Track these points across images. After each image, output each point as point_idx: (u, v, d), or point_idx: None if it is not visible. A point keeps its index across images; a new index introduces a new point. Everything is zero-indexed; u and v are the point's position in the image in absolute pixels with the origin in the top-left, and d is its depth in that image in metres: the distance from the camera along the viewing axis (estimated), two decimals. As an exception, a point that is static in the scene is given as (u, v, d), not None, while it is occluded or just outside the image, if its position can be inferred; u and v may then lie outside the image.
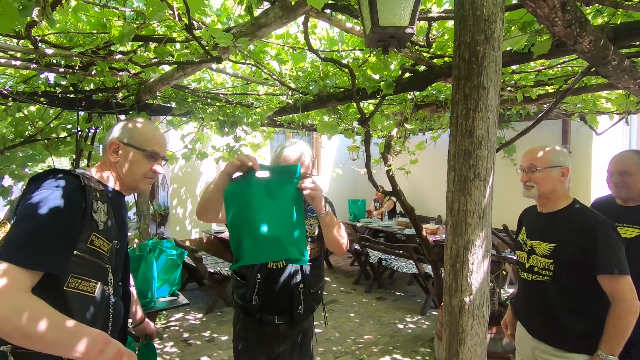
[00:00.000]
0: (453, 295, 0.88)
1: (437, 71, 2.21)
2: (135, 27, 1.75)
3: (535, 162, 1.57)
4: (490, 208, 0.87)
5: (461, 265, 0.87)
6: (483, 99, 0.82)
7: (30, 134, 2.97)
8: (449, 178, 0.89)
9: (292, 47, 2.16)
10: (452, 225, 0.88)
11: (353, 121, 3.68)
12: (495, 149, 0.86)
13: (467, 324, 0.86)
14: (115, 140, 1.18)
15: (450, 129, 0.88)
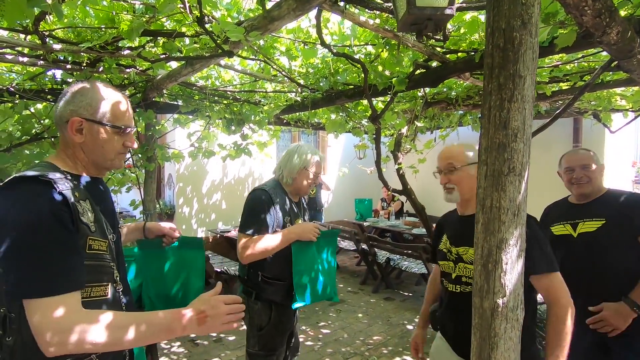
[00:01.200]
0: (484, 297, 0.84)
1: (451, 67, 2.16)
2: (144, 22, 1.71)
3: (453, 160, 1.46)
4: (525, 205, 0.82)
5: (494, 266, 0.82)
6: (519, 89, 0.77)
7: (37, 132, 2.95)
8: (481, 173, 0.84)
9: (304, 42, 2.11)
10: (484, 223, 0.83)
11: (362, 119, 3.63)
12: (530, 142, 0.81)
13: (500, 328, 0.82)
14: (77, 118, 0.97)
15: (482, 122, 0.83)
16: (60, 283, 0.81)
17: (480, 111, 3.40)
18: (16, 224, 0.81)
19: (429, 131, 4.59)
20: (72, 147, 1.00)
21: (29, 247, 0.81)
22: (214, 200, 5.59)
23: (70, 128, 0.97)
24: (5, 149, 2.78)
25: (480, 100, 3.27)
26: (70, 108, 0.98)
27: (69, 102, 0.98)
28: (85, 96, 0.99)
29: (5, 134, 2.87)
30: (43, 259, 0.81)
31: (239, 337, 3.48)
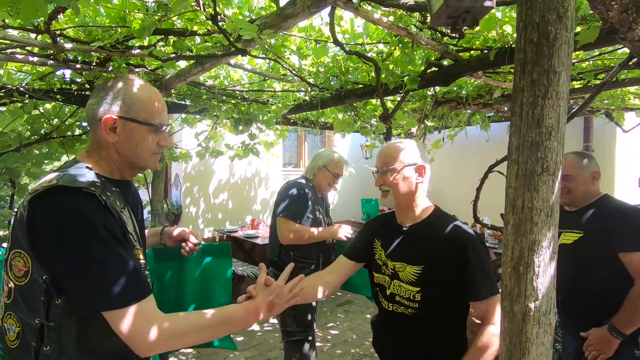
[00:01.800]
0: (515, 301, 0.81)
1: (465, 65, 2.13)
2: (156, 20, 1.70)
3: (388, 160, 1.32)
4: (558, 205, 0.79)
5: (525, 268, 0.79)
6: (554, 85, 0.74)
7: (46, 131, 2.96)
8: (511, 172, 0.81)
9: (316, 40, 2.09)
10: (515, 224, 0.80)
11: (370, 118, 3.61)
12: (564, 141, 0.78)
13: (532, 333, 0.79)
14: (111, 116, 0.93)
15: (512, 119, 0.81)
16: (135, 291, 0.84)
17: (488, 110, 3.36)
18: (72, 239, 0.80)
19: (436, 131, 4.56)
20: (106, 148, 0.96)
21: (93, 261, 0.81)
22: (221, 200, 5.59)
23: (104, 127, 0.93)
24: (15, 148, 2.79)
25: (491, 100, 3.25)
26: (104, 105, 0.94)
27: (103, 99, 0.94)
28: (119, 93, 0.94)
29: (15, 133, 2.87)
30: (110, 271, 0.81)
31: (247, 337, 3.46)
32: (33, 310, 0.83)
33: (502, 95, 3.21)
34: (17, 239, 0.85)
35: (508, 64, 1.89)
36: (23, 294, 0.84)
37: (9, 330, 0.86)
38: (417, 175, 1.31)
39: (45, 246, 0.82)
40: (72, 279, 0.81)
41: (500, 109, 3.83)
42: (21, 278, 0.84)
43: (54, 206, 0.82)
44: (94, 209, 0.83)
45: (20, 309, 0.85)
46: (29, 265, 0.83)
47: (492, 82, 2.60)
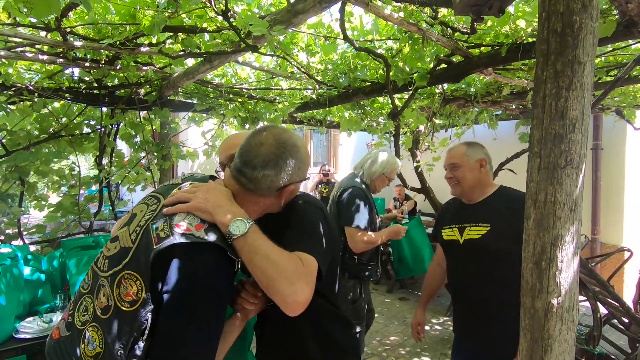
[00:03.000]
0: (537, 297, 0.79)
1: (475, 61, 2.11)
2: (166, 17, 1.69)
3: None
4: (582, 199, 0.77)
5: (547, 264, 0.78)
6: (578, 76, 0.73)
7: (55, 130, 2.97)
8: (533, 166, 0.80)
9: (325, 37, 2.08)
10: (537, 219, 0.79)
11: (377, 117, 3.59)
12: (588, 133, 0.76)
13: (554, 329, 0.77)
14: (293, 186, 0.93)
15: (534, 112, 0.79)
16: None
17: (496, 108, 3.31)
18: (189, 300, 0.76)
19: (443, 129, 4.53)
20: (263, 207, 0.94)
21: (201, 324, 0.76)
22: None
23: (284, 195, 0.93)
24: (24, 147, 2.80)
25: (500, 97, 3.22)
26: (284, 176, 0.89)
27: (282, 169, 0.88)
28: (296, 160, 0.91)
29: (24, 132, 2.89)
30: (197, 345, 0.76)
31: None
32: (121, 340, 0.76)
33: (511, 93, 3.18)
34: (138, 262, 0.79)
35: (520, 59, 1.86)
36: (121, 319, 0.78)
37: (90, 344, 0.81)
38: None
39: (165, 290, 0.75)
40: (165, 330, 0.75)
41: (509, 107, 3.80)
42: (126, 303, 0.77)
43: (192, 264, 0.77)
44: (224, 272, 0.80)
45: (109, 331, 0.79)
46: (141, 297, 0.76)
47: (501, 79, 2.57)
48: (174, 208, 0.84)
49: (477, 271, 1.49)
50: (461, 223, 1.57)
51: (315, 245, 0.94)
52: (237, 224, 0.82)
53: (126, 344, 0.75)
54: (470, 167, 1.53)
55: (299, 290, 0.81)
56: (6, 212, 2.87)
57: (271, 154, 0.88)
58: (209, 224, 0.82)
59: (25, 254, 1.99)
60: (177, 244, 0.77)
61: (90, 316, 0.83)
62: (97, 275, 0.86)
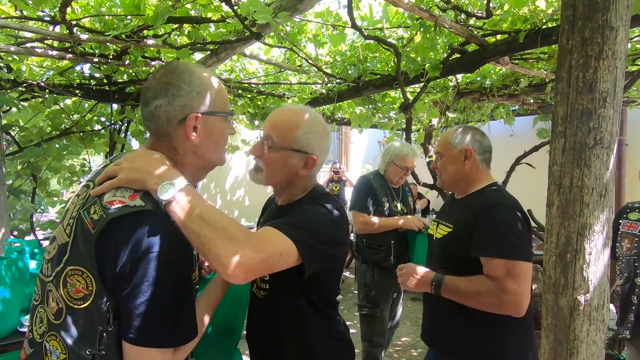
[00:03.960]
0: (561, 293, 0.71)
1: (491, 49, 2.01)
2: (170, 6, 1.66)
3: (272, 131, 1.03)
4: (613, 184, 0.69)
5: (573, 256, 0.70)
6: (609, 43, 0.64)
7: (66, 126, 2.99)
8: (556, 147, 0.71)
9: (333, 26, 2.01)
10: (561, 206, 0.71)
11: (389, 112, 3.51)
12: (621, 108, 0.68)
13: (581, 330, 0.69)
14: (193, 114, 0.79)
15: (558, 86, 0.71)
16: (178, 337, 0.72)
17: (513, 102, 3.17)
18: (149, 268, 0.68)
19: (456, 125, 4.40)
20: (182, 152, 0.82)
21: (162, 294, 0.69)
22: (237, 196, 5.58)
23: (189, 128, 0.79)
24: (36, 143, 2.83)
25: (517, 90, 3.09)
26: (180, 103, 0.78)
27: (176, 95, 0.78)
28: (192, 84, 0.80)
29: (37, 129, 2.92)
30: (171, 309, 0.70)
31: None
32: (85, 339, 0.70)
33: (529, 85, 3.05)
34: (79, 255, 0.72)
35: (540, 46, 1.76)
36: (77, 318, 0.72)
37: (52, 354, 0.74)
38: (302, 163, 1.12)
39: (120, 273, 0.69)
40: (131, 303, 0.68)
41: (526, 101, 3.65)
42: (78, 301, 0.71)
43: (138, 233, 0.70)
44: (179, 237, 0.72)
45: (69, 334, 0.73)
46: (93, 289, 0.70)
47: (519, 69, 2.46)
48: (101, 188, 0.75)
49: (444, 270, 1.29)
50: (440, 218, 1.43)
51: (301, 235, 0.85)
52: (165, 188, 0.72)
53: (93, 341, 0.69)
54: (452, 157, 1.34)
55: (242, 253, 0.72)
56: (19, 208, 2.91)
57: (159, 83, 0.79)
58: (144, 191, 0.74)
59: (32, 248, 1.99)
60: (113, 220, 0.70)
61: (45, 326, 0.76)
62: (43, 282, 0.79)
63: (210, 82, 0.83)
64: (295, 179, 1.02)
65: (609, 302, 0.71)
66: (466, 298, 1.17)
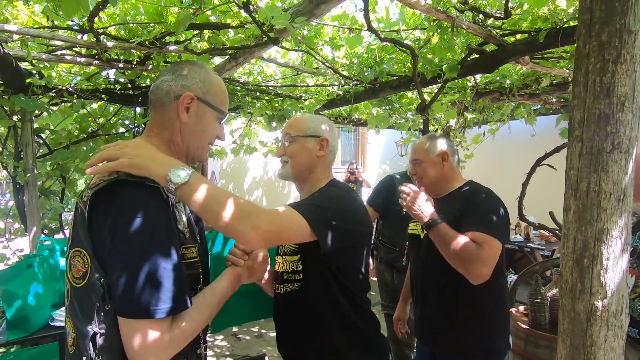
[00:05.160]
0: (578, 298, 0.71)
1: (510, 49, 1.98)
2: (191, 14, 1.72)
3: (289, 129, 1.20)
4: (631, 189, 0.68)
5: (590, 261, 0.69)
6: (628, 47, 0.64)
7: (92, 129, 3.12)
8: (573, 151, 0.71)
9: (349, 29, 2.03)
10: (577, 211, 0.70)
11: (406, 112, 3.49)
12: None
13: (599, 335, 0.69)
14: (189, 93, 0.87)
15: (575, 90, 0.71)
16: (169, 306, 0.73)
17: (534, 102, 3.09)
18: (127, 236, 0.72)
19: (476, 126, 4.33)
20: (171, 130, 0.89)
21: (143, 262, 0.71)
22: (255, 196, 5.67)
23: (181, 104, 0.87)
24: (65, 146, 2.96)
25: (538, 89, 3.02)
26: (182, 83, 0.88)
27: (182, 76, 0.89)
28: (198, 73, 0.90)
29: (65, 132, 3.06)
30: (156, 275, 0.72)
31: (280, 333, 3.47)
32: (86, 316, 0.75)
33: (551, 84, 2.98)
34: (78, 237, 0.78)
35: (561, 45, 1.72)
36: (79, 297, 0.77)
37: (69, 335, 0.81)
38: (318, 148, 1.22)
39: (104, 243, 0.73)
40: (114, 277, 0.72)
41: (549, 100, 3.56)
42: (79, 279, 0.76)
43: (116, 202, 0.74)
44: (156, 206, 0.77)
45: (74, 313, 0.78)
46: (88, 266, 0.75)
47: (540, 68, 2.41)
48: (100, 167, 0.77)
49: (433, 267, 1.44)
50: None
51: (314, 211, 0.94)
52: (177, 172, 0.76)
53: (93, 317, 0.74)
54: (431, 162, 1.50)
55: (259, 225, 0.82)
56: (49, 208, 3.05)
57: (174, 66, 0.93)
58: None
59: (62, 246, 2.09)
60: (94, 195, 0.75)
61: (66, 311, 0.84)
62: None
63: (216, 80, 0.94)
64: (316, 163, 1.17)
65: (627, 308, 0.70)
66: (446, 246, 1.31)
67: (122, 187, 0.75)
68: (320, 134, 1.18)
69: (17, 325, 1.60)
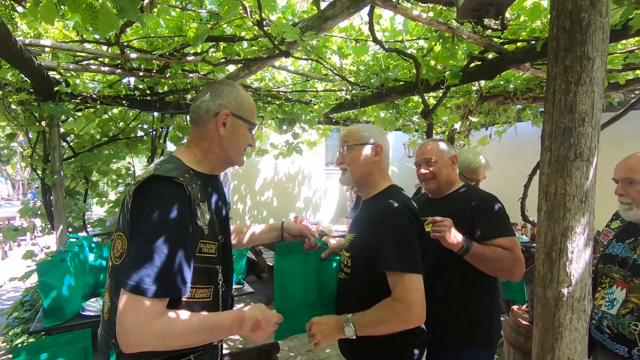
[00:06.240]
0: (548, 287, 0.82)
1: (510, 57, 2.07)
2: (209, 28, 1.86)
3: (347, 139, 1.33)
4: (594, 192, 0.79)
5: (558, 254, 0.80)
6: (587, 71, 0.75)
7: (113, 133, 3.30)
8: (544, 159, 0.82)
9: (355, 40, 2.15)
10: (547, 211, 0.81)
11: (412, 116, 3.59)
12: (600, 126, 0.78)
13: (565, 318, 0.79)
14: (226, 111, 1.03)
15: (545, 107, 0.82)
16: (159, 288, 0.83)
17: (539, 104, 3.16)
18: (148, 223, 0.86)
19: (483, 127, 4.39)
20: (209, 141, 1.04)
21: (152, 245, 0.84)
22: (266, 197, 5.82)
23: (219, 120, 1.02)
24: (88, 149, 3.15)
25: (543, 93, 3.09)
26: (218, 102, 1.03)
27: (217, 96, 1.04)
28: (231, 92, 1.06)
29: (89, 136, 3.25)
30: (156, 259, 0.84)
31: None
32: (119, 291, 0.86)
33: (555, 88, 3.04)
34: (121, 223, 0.94)
35: (556, 54, 1.81)
36: (116, 272, 0.92)
37: (105, 304, 0.98)
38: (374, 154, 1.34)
39: (135, 221, 0.88)
40: (130, 255, 0.86)
41: (554, 103, 3.61)
42: (117, 259, 0.92)
43: (149, 192, 0.89)
44: (178, 200, 0.89)
45: (111, 286, 0.94)
46: (125, 248, 0.90)
47: (541, 74, 2.49)
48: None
49: (433, 262, 1.48)
50: (425, 216, 1.57)
51: (409, 261, 1.15)
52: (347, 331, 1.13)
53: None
54: (445, 163, 1.59)
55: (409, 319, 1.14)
56: (73, 207, 3.24)
57: (209, 87, 1.08)
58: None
59: (89, 243, 2.26)
60: (138, 186, 0.90)
61: (105, 286, 1.01)
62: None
63: (246, 97, 1.10)
64: (373, 168, 1.29)
65: (590, 295, 0.81)
66: (488, 262, 1.41)
67: (155, 183, 0.90)
68: (375, 140, 1.30)
69: (52, 314, 1.76)
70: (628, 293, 1.26)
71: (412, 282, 1.11)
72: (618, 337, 1.25)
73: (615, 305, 1.27)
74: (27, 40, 1.98)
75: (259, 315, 0.99)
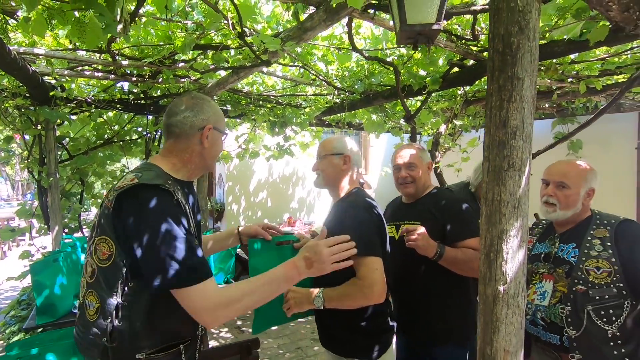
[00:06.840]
0: (487, 285, 0.90)
1: (486, 65, 2.15)
2: (195, 38, 1.94)
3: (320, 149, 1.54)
4: (527, 198, 0.87)
5: (495, 255, 0.88)
6: (517, 90, 0.83)
7: (108, 136, 3.38)
8: (484, 169, 0.90)
9: (337, 48, 2.23)
10: (487, 215, 0.89)
11: (400, 119, 3.67)
12: (531, 140, 0.86)
13: (501, 313, 0.87)
14: (210, 125, 1.12)
15: (485, 121, 0.90)
16: (201, 272, 0.95)
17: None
18: (150, 226, 0.93)
19: (473, 129, 4.47)
20: (191, 153, 1.12)
21: (169, 246, 0.92)
22: (260, 198, 5.89)
23: (205, 134, 1.11)
24: (84, 151, 3.23)
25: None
26: (202, 117, 1.12)
27: (199, 112, 1.12)
28: (210, 107, 1.15)
29: (84, 139, 3.33)
30: (183, 255, 0.93)
31: (281, 327, 3.68)
32: (111, 288, 0.97)
33: (538, 92, 3.12)
34: (103, 228, 1.00)
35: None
36: (105, 274, 0.98)
37: (89, 306, 1.02)
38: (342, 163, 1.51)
39: (128, 234, 0.95)
40: (150, 261, 0.93)
41: (541, 106, 3.70)
42: (105, 261, 0.98)
43: (138, 200, 0.96)
44: (169, 203, 0.98)
45: (100, 288, 0.99)
46: (113, 250, 0.97)
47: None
48: None
49: (409, 266, 1.63)
50: (397, 221, 1.73)
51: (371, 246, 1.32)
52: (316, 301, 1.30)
53: (118, 290, 0.97)
54: (424, 168, 1.70)
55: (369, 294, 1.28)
56: (69, 209, 3.32)
57: (189, 102, 1.14)
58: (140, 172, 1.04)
59: (82, 243, 2.34)
60: (122, 193, 0.97)
61: (85, 288, 1.06)
62: (86, 260, 1.09)
63: (219, 110, 1.21)
64: (341, 175, 1.48)
65: (524, 292, 0.89)
66: (460, 264, 1.51)
67: (143, 190, 0.98)
68: (344, 152, 1.49)
69: (45, 312, 1.84)
70: (555, 283, 1.35)
71: (373, 264, 1.27)
72: (551, 326, 1.33)
73: (547, 297, 1.35)
74: (21, 49, 2.05)
75: (305, 252, 1.08)
